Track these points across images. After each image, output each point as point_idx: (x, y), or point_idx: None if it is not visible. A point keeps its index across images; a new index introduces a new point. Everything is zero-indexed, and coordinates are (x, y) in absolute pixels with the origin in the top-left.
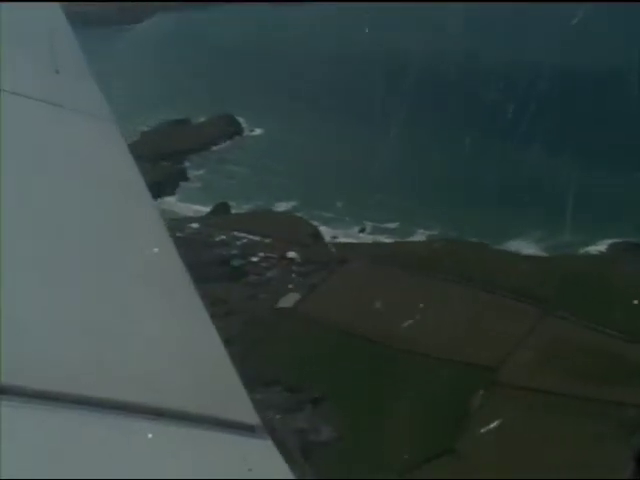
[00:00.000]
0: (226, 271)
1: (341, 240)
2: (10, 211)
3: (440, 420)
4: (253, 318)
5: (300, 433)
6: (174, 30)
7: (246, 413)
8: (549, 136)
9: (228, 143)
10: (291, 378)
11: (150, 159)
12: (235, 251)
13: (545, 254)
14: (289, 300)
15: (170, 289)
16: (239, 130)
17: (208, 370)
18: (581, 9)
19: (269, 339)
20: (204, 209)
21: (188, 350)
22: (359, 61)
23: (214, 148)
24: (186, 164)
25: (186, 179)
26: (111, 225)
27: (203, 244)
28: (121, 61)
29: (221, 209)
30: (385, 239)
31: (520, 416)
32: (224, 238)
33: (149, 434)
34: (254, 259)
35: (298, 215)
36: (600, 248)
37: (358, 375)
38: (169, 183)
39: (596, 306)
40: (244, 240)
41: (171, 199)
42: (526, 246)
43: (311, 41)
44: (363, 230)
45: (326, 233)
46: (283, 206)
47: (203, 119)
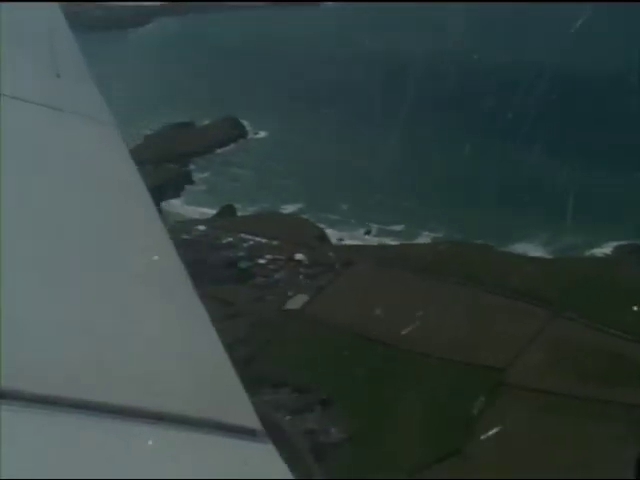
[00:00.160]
0: (233, 273)
1: (347, 242)
2: (11, 215)
3: (449, 421)
4: (261, 320)
5: (310, 434)
6: (178, 32)
7: (247, 417)
8: (550, 136)
9: (232, 146)
10: (299, 379)
11: (154, 162)
12: (242, 253)
13: (550, 256)
14: (297, 302)
15: (170, 292)
16: (243, 133)
17: (208, 373)
18: (581, 9)
19: (277, 341)
20: (210, 211)
21: (188, 353)
22: (362, 62)
23: (218, 151)
24: (191, 167)
25: (191, 182)
26: (111, 228)
27: (210, 246)
28: (124, 64)
29: (227, 211)
30: (390, 241)
31: (530, 417)
32: (231, 240)
33: (149, 438)
34: (261, 261)
35: (304, 217)
36: (605, 250)
37: (366, 376)
38: (174, 186)
39: (604, 308)
40: (251, 242)
41: (177, 202)
42: (532, 248)
43: (314, 42)
44: (369, 232)
45: (332, 235)
46: (289, 208)
47: (207, 122)
